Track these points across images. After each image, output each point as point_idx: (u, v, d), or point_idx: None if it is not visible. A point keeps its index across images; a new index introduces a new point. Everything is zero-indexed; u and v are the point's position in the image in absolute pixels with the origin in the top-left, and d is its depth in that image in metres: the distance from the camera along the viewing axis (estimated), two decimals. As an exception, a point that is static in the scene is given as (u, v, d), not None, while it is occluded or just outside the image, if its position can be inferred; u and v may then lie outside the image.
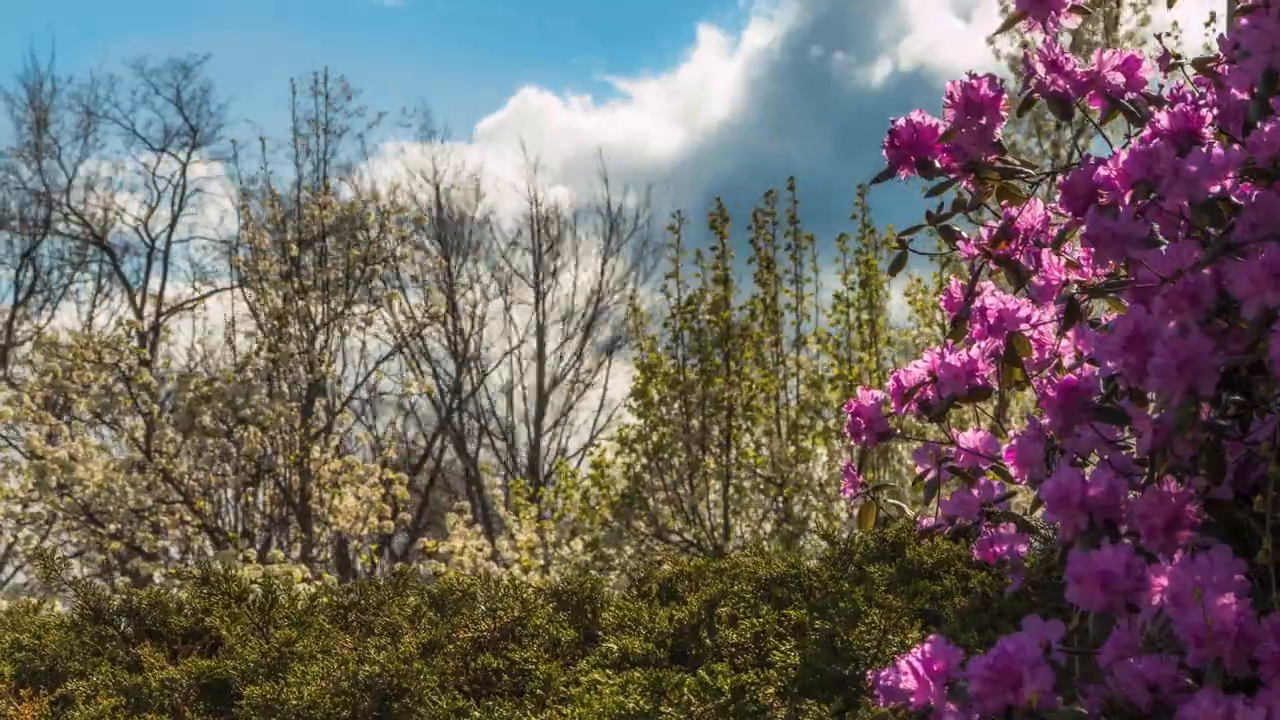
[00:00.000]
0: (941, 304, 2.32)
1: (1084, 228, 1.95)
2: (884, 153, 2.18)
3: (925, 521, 2.33)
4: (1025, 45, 14.61)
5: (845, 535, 4.39)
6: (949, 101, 2.14)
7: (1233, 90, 2.01)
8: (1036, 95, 2.14)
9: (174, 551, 15.66)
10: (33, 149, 17.69)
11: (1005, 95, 2.17)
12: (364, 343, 18.22)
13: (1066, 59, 2.13)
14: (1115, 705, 1.78)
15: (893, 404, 2.26)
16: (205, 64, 24.42)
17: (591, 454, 16.09)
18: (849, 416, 2.29)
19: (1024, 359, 2.15)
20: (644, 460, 14.76)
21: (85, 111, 18.24)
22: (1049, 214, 2.19)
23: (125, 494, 14.74)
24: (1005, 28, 2.28)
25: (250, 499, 16.72)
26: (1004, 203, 2.18)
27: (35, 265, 17.59)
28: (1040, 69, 2.12)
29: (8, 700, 3.95)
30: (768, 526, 14.55)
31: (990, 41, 15.44)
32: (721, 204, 15.18)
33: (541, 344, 18.89)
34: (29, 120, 17.80)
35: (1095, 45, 14.25)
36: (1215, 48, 2.15)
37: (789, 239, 15.02)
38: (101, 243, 17.84)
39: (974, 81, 2.14)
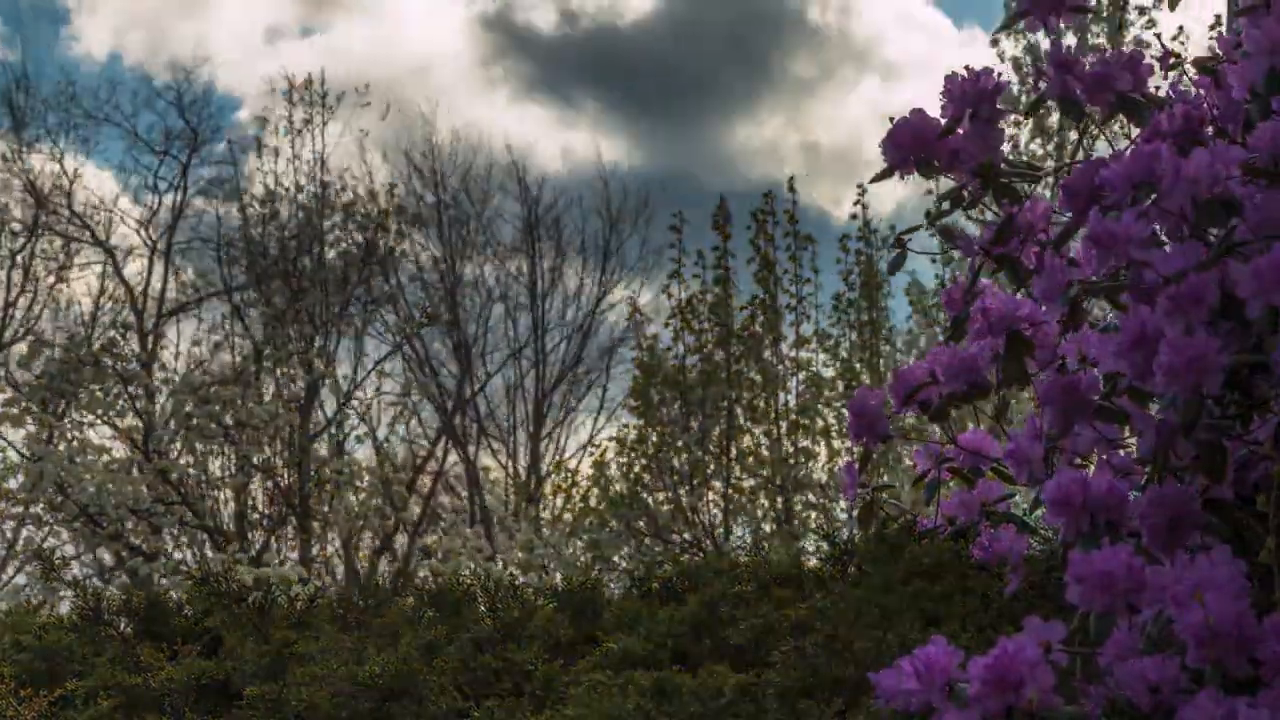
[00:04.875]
0: (942, 303, 2.32)
1: (1085, 228, 1.95)
2: (882, 152, 2.17)
3: (925, 521, 2.33)
4: (1029, 48, 14.61)
5: (845, 535, 4.39)
6: (945, 95, 2.14)
7: (1233, 90, 2.00)
8: (1048, 96, 2.14)
9: (173, 552, 15.65)
10: (16, 147, 17.69)
11: (1002, 93, 2.16)
12: (362, 343, 18.21)
13: (1077, 60, 2.12)
14: (1116, 706, 1.78)
15: (893, 404, 2.25)
16: (205, 65, 24.36)
17: (592, 454, 16.08)
18: (850, 417, 2.29)
19: (1025, 358, 2.15)
20: (643, 461, 14.76)
21: (86, 115, 18.22)
22: (1049, 211, 2.18)
23: (124, 494, 14.73)
24: (1006, 26, 2.29)
25: (249, 499, 16.71)
26: (1004, 200, 2.18)
27: (26, 264, 17.59)
28: (1052, 70, 2.12)
29: (8, 700, 3.95)
30: (768, 527, 14.55)
31: (994, 43, 15.42)
32: (724, 202, 15.18)
33: (540, 344, 18.87)
34: (11, 120, 17.82)
35: (1101, 49, 14.20)
36: (1220, 52, 2.15)
37: (788, 239, 15.02)
38: (102, 244, 17.84)
39: (971, 75, 2.14)
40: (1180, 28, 14.48)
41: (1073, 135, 14.37)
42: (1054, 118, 14.08)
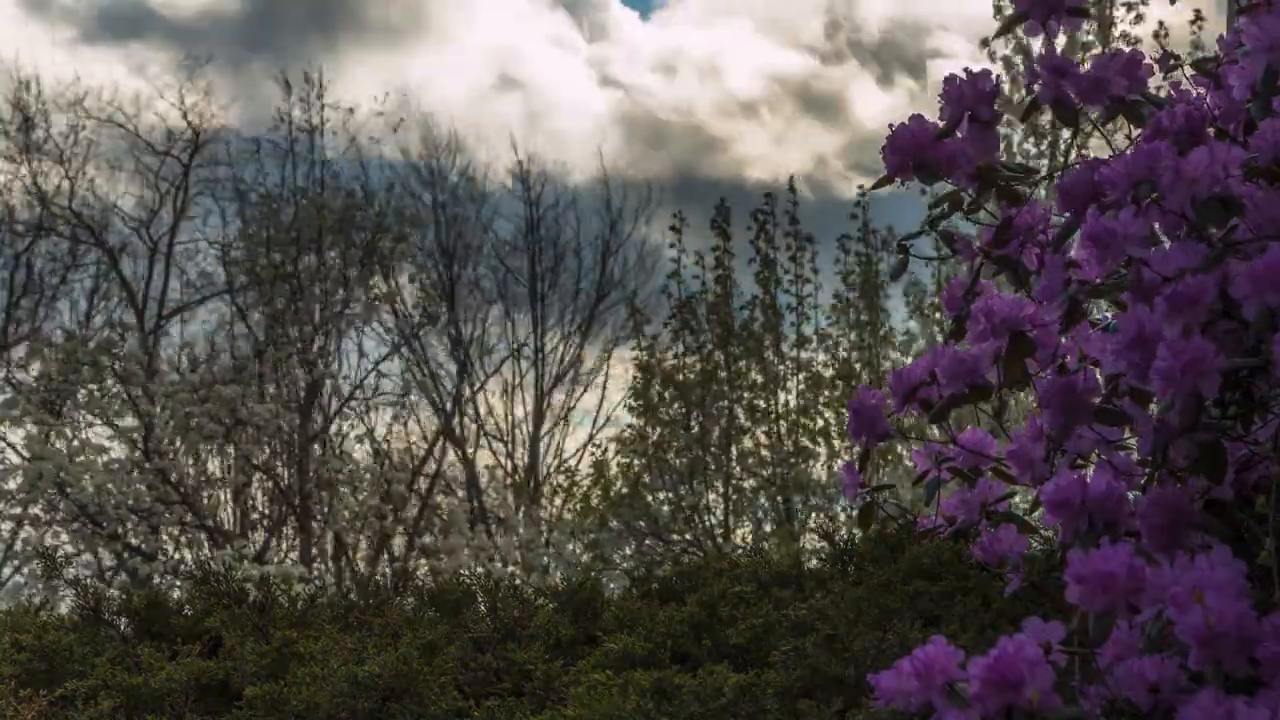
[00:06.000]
0: (942, 303, 2.32)
1: (1084, 228, 1.95)
2: (882, 157, 2.17)
3: (925, 521, 2.33)
4: (1023, 49, 14.62)
5: (845, 535, 4.39)
6: (944, 98, 2.14)
7: (1234, 90, 2.00)
8: (1041, 101, 2.13)
9: (172, 552, 15.64)
10: (23, 148, 17.67)
11: (998, 94, 2.16)
12: (361, 343, 18.21)
13: (1072, 63, 2.12)
14: (1116, 706, 1.78)
15: (894, 403, 2.25)
16: (208, 66, 24.21)
17: (593, 454, 16.07)
18: (850, 417, 2.29)
19: (1026, 359, 2.15)
20: (643, 461, 14.74)
21: (88, 115, 18.20)
22: (1049, 213, 2.19)
23: (124, 494, 14.73)
24: (1005, 30, 2.28)
25: (249, 499, 16.70)
26: (1004, 203, 2.18)
27: (30, 266, 17.56)
28: (1045, 74, 2.11)
29: (8, 700, 3.95)
30: (768, 527, 14.54)
31: (985, 44, 15.44)
32: (725, 204, 15.16)
33: (539, 344, 18.85)
34: (18, 120, 17.79)
35: (1090, 45, 14.26)
36: (1204, 46, 2.15)
37: (788, 240, 15.01)
38: (101, 244, 17.82)
39: (969, 78, 2.14)
40: (1160, 23, 14.50)
41: (1065, 134, 14.41)
42: (1046, 117, 14.13)
